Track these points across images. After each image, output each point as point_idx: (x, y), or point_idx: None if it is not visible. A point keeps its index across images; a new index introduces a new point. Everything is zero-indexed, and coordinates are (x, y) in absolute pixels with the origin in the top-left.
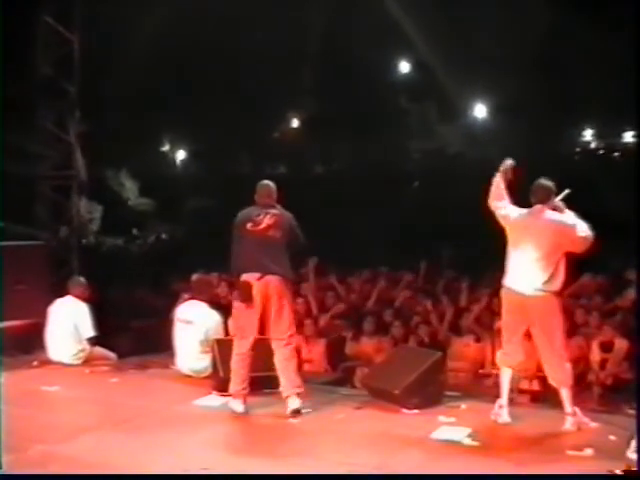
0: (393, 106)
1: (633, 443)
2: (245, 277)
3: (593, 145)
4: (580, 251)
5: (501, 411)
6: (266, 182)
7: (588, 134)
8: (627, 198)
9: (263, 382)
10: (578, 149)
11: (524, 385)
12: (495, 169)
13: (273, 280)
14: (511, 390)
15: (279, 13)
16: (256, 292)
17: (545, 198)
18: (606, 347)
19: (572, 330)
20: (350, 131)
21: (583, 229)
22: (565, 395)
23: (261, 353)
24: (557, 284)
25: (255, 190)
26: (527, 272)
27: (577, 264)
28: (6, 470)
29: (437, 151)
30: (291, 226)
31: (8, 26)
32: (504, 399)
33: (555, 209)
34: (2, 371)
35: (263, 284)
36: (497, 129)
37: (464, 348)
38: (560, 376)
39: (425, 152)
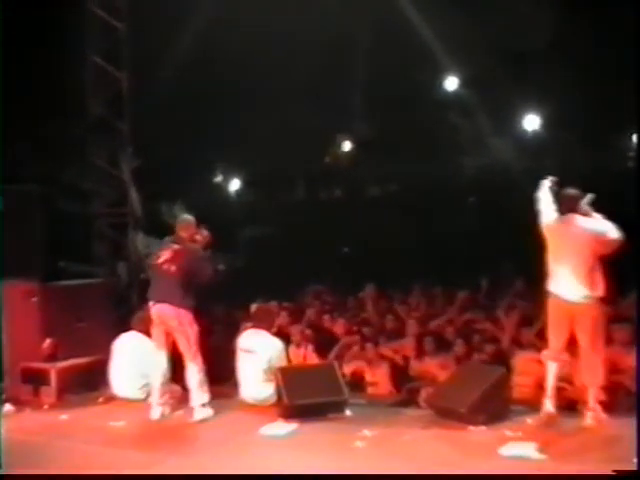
0: (444, 123)
1: None
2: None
3: None
4: (611, 253)
5: (545, 401)
6: (183, 217)
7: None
8: None
9: (320, 408)
10: (631, 154)
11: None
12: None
13: (165, 308)
14: (577, 401)
15: (327, 37)
16: (153, 317)
17: (574, 206)
18: None
19: (635, 337)
20: (402, 151)
21: (614, 232)
22: (592, 394)
23: (314, 380)
24: (600, 290)
25: None
26: (571, 280)
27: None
28: None
29: (490, 165)
30: (192, 259)
31: (59, 68)
32: (549, 391)
33: (585, 215)
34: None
35: (156, 311)
36: (549, 140)
37: (528, 362)
38: (594, 378)
39: (478, 167)
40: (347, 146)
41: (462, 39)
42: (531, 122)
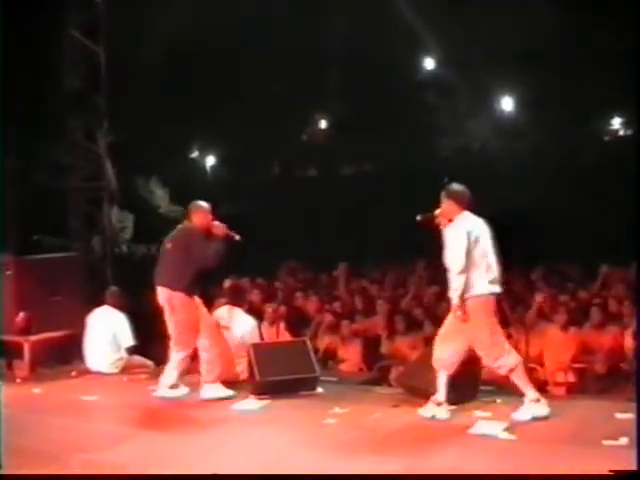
0: (420, 104)
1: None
2: None
3: (621, 133)
4: None
5: (440, 409)
6: (196, 202)
7: (616, 122)
8: None
9: (292, 385)
10: (607, 138)
11: (559, 377)
12: (523, 163)
13: (162, 291)
14: (547, 382)
15: (302, 15)
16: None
17: (469, 202)
18: None
19: (606, 320)
20: (378, 131)
21: None
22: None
23: (286, 357)
24: None
25: None
26: (491, 273)
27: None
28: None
29: (465, 147)
30: (190, 238)
31: (36, 42)
32: (442, 395)
33: None
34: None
35: (158, 294)
36: (525, 122)
37: None
38: (510, 360)
39: (454, 148)
40: (323, 124)
41: (441, 19)
42: (508, 103)
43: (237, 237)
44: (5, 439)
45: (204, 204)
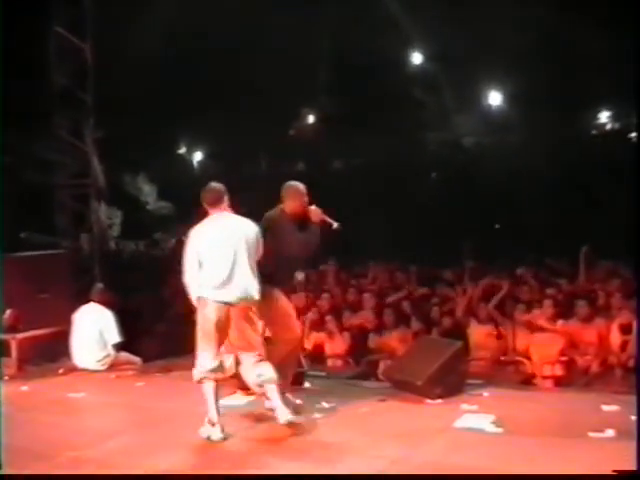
0: (408, 98)
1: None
2: None
3: (609, 127)
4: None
5: (215, 429)
6: (289, 182)
7: (604, 116)
8: None
9: None
10: (594, 132)
11: (547, 371)
12: (513, 157)
13: None
14: (534, 375)
15: (288, 10)
16: None
17: (220, 201)
18: (626, 329)
19: (594, 313)
20: (366, 126)
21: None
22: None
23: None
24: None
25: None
26: (247, 278)
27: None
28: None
29: (453, 141)
30: (276, 226)
31: (22, 39)
32: (215, 415)
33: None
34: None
35: None
36: (513, 117)
37: (485, 337)
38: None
39: (442, 143)
40: (311, 120)
41: (429, 13)
42: (495, 98)
43: (335, 224)
44: None
45: (299, 185)
